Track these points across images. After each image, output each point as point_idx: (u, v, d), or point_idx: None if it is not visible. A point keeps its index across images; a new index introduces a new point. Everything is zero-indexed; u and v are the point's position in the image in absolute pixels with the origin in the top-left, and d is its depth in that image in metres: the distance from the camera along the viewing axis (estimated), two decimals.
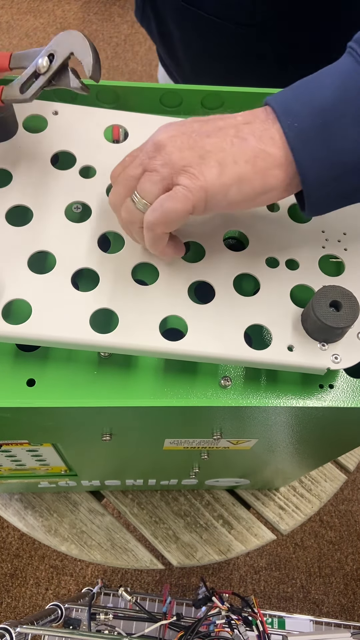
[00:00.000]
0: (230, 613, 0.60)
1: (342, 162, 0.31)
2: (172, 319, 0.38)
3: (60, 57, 0.36)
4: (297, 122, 0.31)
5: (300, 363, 0.37)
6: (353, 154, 0.31)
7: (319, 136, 0.31)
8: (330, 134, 0.31)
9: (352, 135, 0.31)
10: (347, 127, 0.31)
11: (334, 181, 0.32)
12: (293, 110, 0.32)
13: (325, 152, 0.31)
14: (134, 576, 1.27)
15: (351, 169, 0.32)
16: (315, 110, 0.31)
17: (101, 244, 0.40)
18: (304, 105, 0.31)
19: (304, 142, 0.31)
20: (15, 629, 0.53)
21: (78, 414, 0.38)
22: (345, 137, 0.31)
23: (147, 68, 1.96)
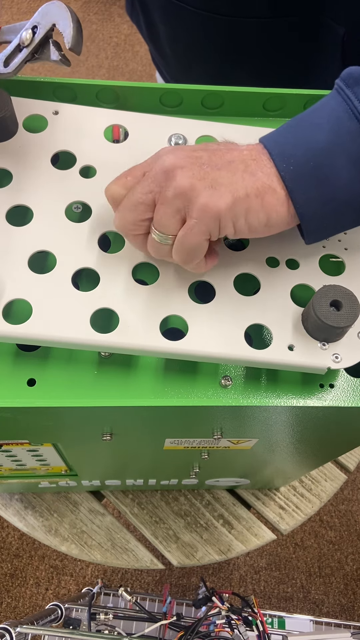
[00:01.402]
0: (230, 613, 0.60)
1: (336, 200, 0.33)
2: (173, 319, 0.38)
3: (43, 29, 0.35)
4: (293, 166, 0.33)
5: (300, 362, 0.37)
6: (346, 192, 0.33)
7: (313, 178, 0.33)
8: (324, 176, 0.33)
9: (345, 176, 0.33)
10: (340, 169, 0.33)
11: (329, 216, 0.35)
12: (287, 153, 0.33)
13: (320, 192, 0.33)
14: (134, 576, 1.27)
15: (345, 205, 0.34)
16: (309, 153, 0.33)
17: (101, 244, 0.40)
18: (298, 148, 0.33)
19: (299, 184, 0.33)
20: (15, 629, 0.53)
21: (78, 413, 0.38)
22: (338, 178, 0.33)
23: (147, 68, 1.96)
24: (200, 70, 0.69)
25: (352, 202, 0.34)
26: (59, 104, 0.44)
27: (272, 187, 0.33)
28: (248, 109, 0.49)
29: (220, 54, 0.64)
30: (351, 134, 0.32)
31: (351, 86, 0.33)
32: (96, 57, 1.97)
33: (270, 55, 0.63)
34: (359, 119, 0.32)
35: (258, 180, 0.33)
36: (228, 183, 0.33)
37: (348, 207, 0.34)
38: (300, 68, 0.64)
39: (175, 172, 0.33)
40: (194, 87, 0.47)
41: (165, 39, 0.67)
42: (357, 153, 0.32)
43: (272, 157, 0.34)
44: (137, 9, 0.68)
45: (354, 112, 0.33)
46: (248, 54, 0.63)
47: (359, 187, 0.33)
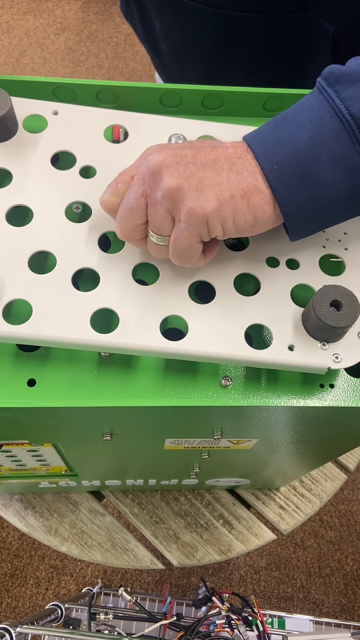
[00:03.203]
0: (230, 613, 0.60)
1: (320, 199, 0.34)
2: (173, 319, 0.38)
3: None
4: (277, 164, 0.33)
5: (300, 362, 0.37)
6: (330, 191, 0.33)
7: (297, 177, 0.33)
8: (307, 175, 0.33)
9: (328, 175, 0.33)
10: (323, 168, 0.33)
11: (313, 214, 0.35)
12: (271, 152, 0.33)
13: (304, 191, 0.33)
14: (134, 576, 1.27)
15: (329, 203, 0.34)
16: (293, 152, 0.33)
17: (101, 244, 0.40)
18: (281, 147, 0.33)
19: (284, 183, 0.33)
20: (15, 629, 0.53)
21: (78, 414, 0.38)
22: (321, 176, 0.33)
23: (147, 68, 1.96)
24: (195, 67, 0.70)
25: (336, 201, 0.34)
26: (59, 104, 0.44)
27: (257, 187, 0.33)
28: (248, 109, 0.49)
29: (213, 49, 0.65)
30: (333, 132, 0.33)
31: (332, 85, 0.34)
32: (96, 57, 1.97)
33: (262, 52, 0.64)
34: (340, 118, 0.33)
35: (243, 180, 0.33)
36: (213, 184, 0.33)
37: (332, 205, 0.34)
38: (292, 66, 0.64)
39: (162, 171, 0.34)
40: (194, 87, 0.47)
41: (161, 34, 0.68)
42: (339, 152, 0.33)
43: (255, 155, 0.34)
44: (132, 7, 0.68)
45: (335, 111, 0.33)
46: (240, 49, 0.64)
47: (341, 186, 0.33)
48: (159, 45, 0.70)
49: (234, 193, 0.33)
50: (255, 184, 0.33)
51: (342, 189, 0.33)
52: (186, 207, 0.33)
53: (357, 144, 0.33)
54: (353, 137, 0.32)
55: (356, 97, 0.33)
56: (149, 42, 0.72)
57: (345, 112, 0.32)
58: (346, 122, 0.32)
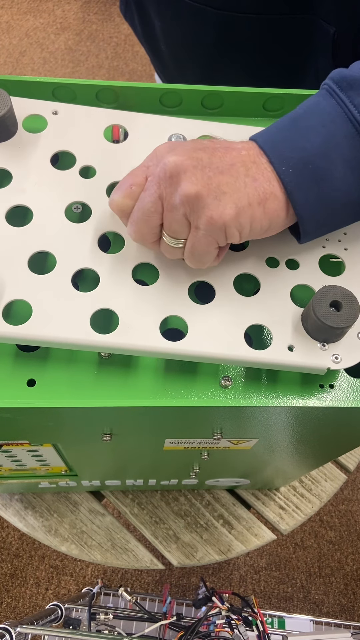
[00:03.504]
0: (230, 613, 0.60)
1: (334, 202, 0.34)
2: (173, 319, 0.38)
3: None
4: (292, 169, 0.33)
5: (300, 363, 0.37)
6: (343, 195, 0.34)
7: (311, 180, 0.33)
8: (321, 179, 0.33)
9: (341, 179, 0.33)
10: (337, 172, 0.33)
11: (326, 218, 0.35)
12: (285, 156, 0.34)
13: (318, 195, 0.34)
14: (134, 576, 1.27)
15: (342, 207, 0.35)
16: (307, 156, 0.33)
17: (101, 244, 0.40)
18: (295, 151, 0.34)
19: (299, 187, 0.34)
20: (15, 629, 0.53)
21: (78, 414, 0.38)
22: (335, 180, 0.33)
23: (147, 68, 1.96)
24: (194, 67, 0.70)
25: (349, 205, 0.35)
26: (59, 104, 0.44)
27: (273, 193, 0.34)
28: (248, 109, 0.49)
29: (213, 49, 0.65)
30: (346, 137, 0.33)
31: (345, 90, 0.34)
32: (96, 57, 1.97)
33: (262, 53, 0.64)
34: (354, 123, 0.33)
35: (260, 186, 0.34)
36: (232, 191, 0.33)
37: (344, 208, 0.35)
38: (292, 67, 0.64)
39: (180, 176, 0.33)
40: (194, 88, 0.47)
41: (160, 34, 0.67)
42: (352, 156, 0.33)
43: (270, 159, 0.34)
44: (131, 7, 0.68)
45: (349, 116, 0.33)
46: (240, 50, 0.64)
47: (354, 190, 0.34)
48: (159, 45, 0.70)
49: (251, 200, 0.33)
50: (272, 190, 0.34)
51: (355, 193, 0.34)
52: (206, 216, 0.33)
53: None
54: None
55: None
56: (148, 42, 0.72)
57: (359, 116, 0.33)
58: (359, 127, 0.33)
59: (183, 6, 0.59)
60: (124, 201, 0.36)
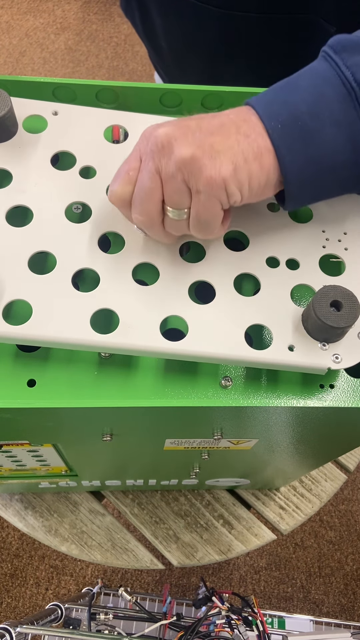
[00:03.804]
0: (230, 613, 0.60)
1: (321, 164, 0.33)
2: (173, 319, 0.38)
3: None
4: (281, 124, 0.33)
5: (300, 363, 0.37)
6: (331, 156, 0.33)
7: (299, 137, 0.33)
8: (309, 136, 0.33)
9: (329, 138, 0.33)
10: (325, 131, 0.33)
11: (312, 179, 0.34)
12: (275, 112, 0.33)
13: (306, 153, 0.33)
14: (134, 576, 1.27)
15: (329, 171, 0.34)
16: (296, 113, 0.33)
17: (101, 244, 0.40)
18: (285, 108, 0.33)
19: (286, 142, 0.33)
20: (15, 629, 0.53)
21: (78, 414, 0.38)
22: (323, 141, 0.33)
23: (147, 68, 1.96)
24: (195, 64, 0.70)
25: (336, 168, 0.34)
26: (59, 104, 0.44)
27: (267, 148, 0.33)
28: None
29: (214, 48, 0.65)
30: (337, 98, 0.33)
31: (339, 52, 0.33)
32: (96, 57, 1.97)
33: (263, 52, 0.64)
34: (345, 84, 0.32)
35: (253, 141, 0.33)
36: (225, 149, 0.33)
37: (331, 172, 0.34)
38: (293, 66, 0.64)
39: (172, 144, 0.33)
40: (194, 88, 0.47)
41: (161, 32, 0.67)
42: (342, 118, 0.32)
43: (260, 116, 0.34)
44: (132, 5, 0.68)
45: (341, 77, 0.33)
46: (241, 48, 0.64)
47: (342, 152, 0.33)
48: (159, 42, 0.70)
49: (246, 156, 0.33)
50: (265, 144, 0.33)
51: (343, 155, 0.33)
52: (204, 176, 0.32)
53: None
54: (357, 104, 0.32)
55: None
56: (149, 39, 0.72)
57: (351, 78, 0.32)
58: (351, 89, 0.32)
59: (184, 4, 0.59)
60: (124, 189, 0.36)
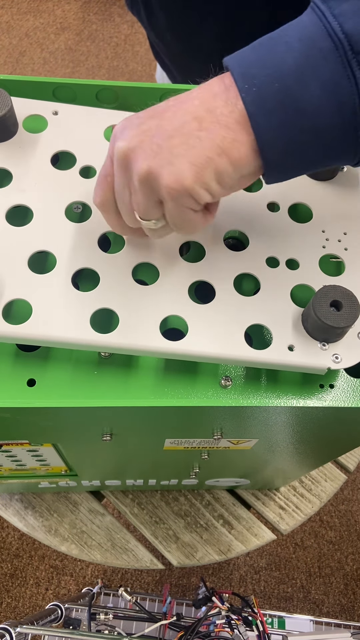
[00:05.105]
0: (230, 613, 0.60)
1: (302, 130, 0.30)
2: (173, 319, 0.38)
3: None
4: (256, 87, 0.29)
5: (300, 363, 0.37)
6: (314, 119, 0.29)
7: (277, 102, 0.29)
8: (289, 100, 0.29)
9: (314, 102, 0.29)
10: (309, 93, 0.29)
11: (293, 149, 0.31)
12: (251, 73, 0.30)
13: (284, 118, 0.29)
14: (134, 576, 1.27)
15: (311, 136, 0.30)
16: (276, 74, 0.29)
17: (101, 244, 0.40)
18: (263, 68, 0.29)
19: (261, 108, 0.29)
20: (15, 629, 0.53)
21: (78, 414, 0.38)
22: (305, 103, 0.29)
23: (147, 68, 1.96)
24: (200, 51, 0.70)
25: (320, 133, 0.30)
26: (59, 104, 0.44)
27: (234, 139, 0.30)
28: None
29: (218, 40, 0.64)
30: (323, 53, 0.28)
31: (326, 1, 0.29)
32: (96, 57, 1.97)
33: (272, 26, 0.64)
34: (332, 36, 0.28)
35: (216, 136, 0.30)
36: (185, 152, 0.30)
37: (315, 138, 0.30)
38: None
39: (129, 157, 0.32)
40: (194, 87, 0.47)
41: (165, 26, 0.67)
42: (328, 76, 0.28)
43: (234, 78, 0.30)
44: (138, 2, 0.69)
45: (327, 29, 0.28)
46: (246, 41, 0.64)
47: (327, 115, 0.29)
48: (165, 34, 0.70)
49: (209, 154, 0.30)
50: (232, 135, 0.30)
51: (327, 119, 0.29)
52: (163, 187, 0.31)
53: (349, 67, 0.28)
54: (345, 59, 0.28)
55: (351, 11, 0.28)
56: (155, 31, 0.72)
57: (338, 29, 0.28)
58: (338, 42, 0.28)
59: None
60: (104, 195, 0.35)
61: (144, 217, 0.34)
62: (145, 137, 0.31)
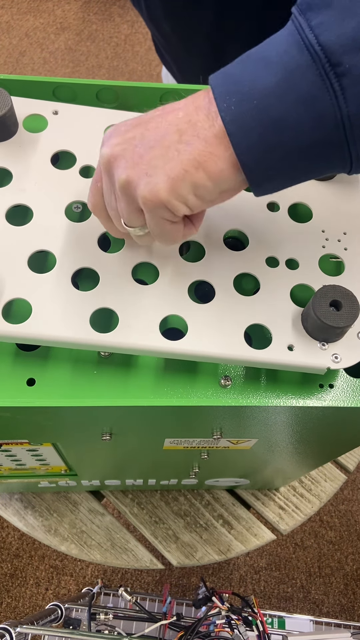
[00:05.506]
0: (230, 613, 0.60)
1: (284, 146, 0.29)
2: (172, 319, 0.38)
3: None
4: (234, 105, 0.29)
5: (300, 362, 0.37)
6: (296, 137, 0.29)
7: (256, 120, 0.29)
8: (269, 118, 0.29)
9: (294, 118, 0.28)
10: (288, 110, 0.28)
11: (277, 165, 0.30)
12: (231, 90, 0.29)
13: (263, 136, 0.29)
14: (134, 576, 1.27)
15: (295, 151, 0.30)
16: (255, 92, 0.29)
17: (101, 243, 0.40)
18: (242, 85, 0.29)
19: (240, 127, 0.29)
20: (15, 629, 0.53)
21: (78, 413, 0.38)
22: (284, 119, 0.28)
23: (147, 68, 1.96)
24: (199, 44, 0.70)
25: (303, 148, 0.29)
26: (59, 103, 0.45)
27: (211, 153, 0.30)
28: None
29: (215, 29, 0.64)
30: (300, 68, 0.28)
31: (304, 12, 0.28)
32: (96, 57, 1.97)
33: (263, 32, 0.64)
34: (310, 50, 0.27)
35: (194, 149, 0.30)
36: (162, 164, 0.30)
37: (298, 154, 0.30)
38: None
39: (112, 165, 0.32)
40: (194, 88, 0.47)
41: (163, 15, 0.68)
42: (306, 90, 0.28)
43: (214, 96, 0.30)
44: None
45: (305, 42, 0.28)
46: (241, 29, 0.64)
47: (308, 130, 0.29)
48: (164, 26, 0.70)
49: (186, 167, 0.30)
50: (210, 150, 0.30)
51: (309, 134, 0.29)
52: (140, 197, 0.31)
53: (327, 80, 0.27)
54: (323, 73, 0.27)
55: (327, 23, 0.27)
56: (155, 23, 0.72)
57: (315, 41, 0.27)
58: (315, 55, 0.27)
59: None
60: (94, 200, 0.36)
61: (128, 224, 0.35)
62: (129, 145, 0.32)
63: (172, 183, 0.30)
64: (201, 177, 0.30)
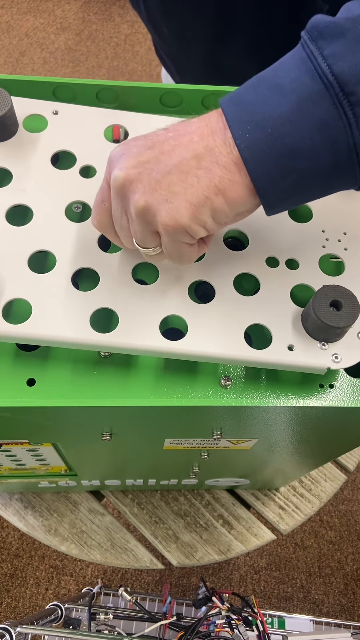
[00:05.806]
0: (230, 613, 0.60)
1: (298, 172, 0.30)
2: (172, 319, 0.38)
3: None
4: (249, 133, 0.30)
5: (300, 362, 0.37)
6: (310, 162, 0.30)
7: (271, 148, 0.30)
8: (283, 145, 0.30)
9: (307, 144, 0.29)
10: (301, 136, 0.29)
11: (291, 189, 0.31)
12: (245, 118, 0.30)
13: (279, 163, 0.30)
14: (134, 576, 1.27)
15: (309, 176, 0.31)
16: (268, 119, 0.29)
17: (101, 244, 0.40)
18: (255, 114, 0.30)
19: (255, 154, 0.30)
20: (15, 629, 0.53)
21: (78, 413, 0.38)
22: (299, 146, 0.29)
23: (147, 68, 1.96)
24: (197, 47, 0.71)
25: (317, 173, 0.30)
26: (59, 103, 0.45)
27: (231, 180, 0.30)
28: None
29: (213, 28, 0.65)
30: (313, 96, 0.29)
31: (315, 39, 0.29)
32: (96, 57, 1.97)
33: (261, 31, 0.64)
34: (322, 78, 0.28)
35: (215, 176, 0.30)
36: (183, 190, 0.31)
37: (312, 178, 0.31)
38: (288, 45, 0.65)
39: (127, 190, 0.32)
40: (194, 87, 0.47)
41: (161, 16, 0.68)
42: (320, 119, 0.29)
43: (227, 122, 0.30)
44: None
45: (317, 70, 0.29)
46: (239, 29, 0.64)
47: (323, 157, 0.29)
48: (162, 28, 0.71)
49: (207, 193, 0.31)
50: (230, 177, 0.30)
51: (323, 160, 0.30)
52: (160, 224, 0.32)
53: (341, 109, 0.28)
54: (336, 101, 0.28)
55: (340, 53, 0.28)
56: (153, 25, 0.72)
57: (328, 71, 0.28)
58: (328, 84, 0.28)
59: None
60: (101, 219, 0.36)
61: (141, 245, 0.35)
62: (144, 169, 0.32)
63: (194, 209, 0.31)
64: (221, 202, 0.31)
